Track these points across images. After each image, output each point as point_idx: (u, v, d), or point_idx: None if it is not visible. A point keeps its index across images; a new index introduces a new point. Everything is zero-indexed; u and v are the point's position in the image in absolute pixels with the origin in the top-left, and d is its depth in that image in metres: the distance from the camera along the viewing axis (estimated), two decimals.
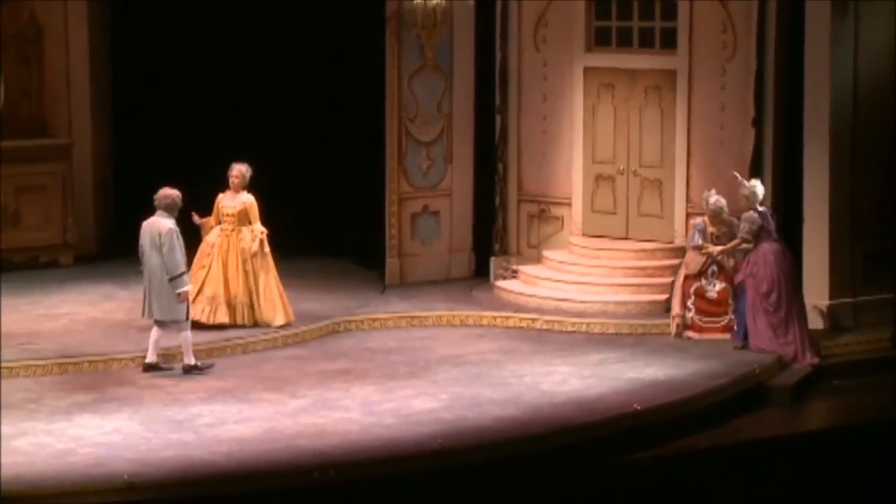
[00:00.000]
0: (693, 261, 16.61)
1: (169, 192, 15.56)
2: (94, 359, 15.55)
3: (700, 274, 16.55)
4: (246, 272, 16.54)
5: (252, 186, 21.16)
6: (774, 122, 17.38)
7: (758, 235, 16.22)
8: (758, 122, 17.38)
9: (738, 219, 16.41)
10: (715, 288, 16.49)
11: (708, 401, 14.83)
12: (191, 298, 15.87)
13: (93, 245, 20.06)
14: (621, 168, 18.38)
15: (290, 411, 14.26)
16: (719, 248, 16.47)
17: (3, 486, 12.22)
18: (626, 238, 18.35)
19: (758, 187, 16.40)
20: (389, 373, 15.55)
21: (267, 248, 16.62)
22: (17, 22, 19.57)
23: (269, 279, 16.61)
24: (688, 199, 17.89)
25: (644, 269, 17.95)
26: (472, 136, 19.16)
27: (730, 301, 16.42)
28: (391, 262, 18.83)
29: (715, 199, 16.51)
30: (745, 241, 16.27)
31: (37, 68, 19.75)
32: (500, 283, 18.47)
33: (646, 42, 18.17)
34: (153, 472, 12.59)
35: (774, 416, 15.09)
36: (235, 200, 16.70)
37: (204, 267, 16.53)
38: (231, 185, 16.78)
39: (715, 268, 16.51)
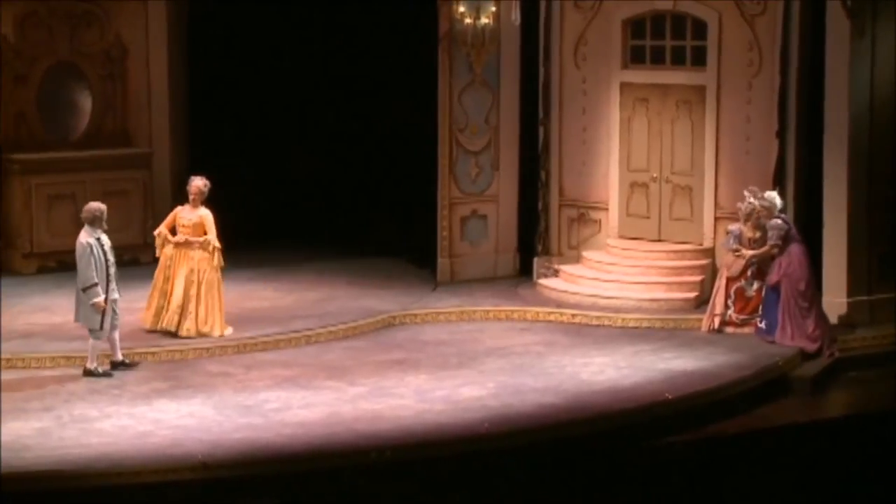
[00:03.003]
0: (735, 264, 16.52)
1: (89, 207, 14.85)
2: (171, 349, 15.59)
3: (740, 276, 16.47)
4: (188, 282, 15.79)
5: (315, 193, 21.28)
6: (797, 133, 17.26)
7: (785, 240, 16.14)
8: (781, 134, 17.26)
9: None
10: (753, 288, 16.40)
11: (734, 390, 14.74)
12: (151, 309, 15.74)
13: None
14: (654, 175, 18.30)
15: (350, 398, 14.25)
16: (753, 252, 16.37)
17: (89, 463, 12.30)
18: (659, 240, 18.26)
19: (776, 198, 16.33)
20: (440, 363, 15.52)
21: (216, 263, 15.84)
22: (103, 42, 19.70)
23: (212, 292, 15.83)
24: (716, 205, 17.79)
25: (675, 268, 17.86)
26: (517, 146, 19.11)
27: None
28: (442, 262, 18.82)
29: (750, 201, 16.41)
30: (775, 247, 16.19)
31: (121, 84, 19.86)
32: (543, 281, 18.42)
33: (677, 60, 18.08)
34: (225, 453, 12.62)
35: (796, 405, 14.96)
36: (193, 214, 15.94)
37: (168, 279, 15.91)
38: (189, 199, 16.02)
39: (754, 269, 16.42)
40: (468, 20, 18.37)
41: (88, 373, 14.76)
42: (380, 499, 11.98)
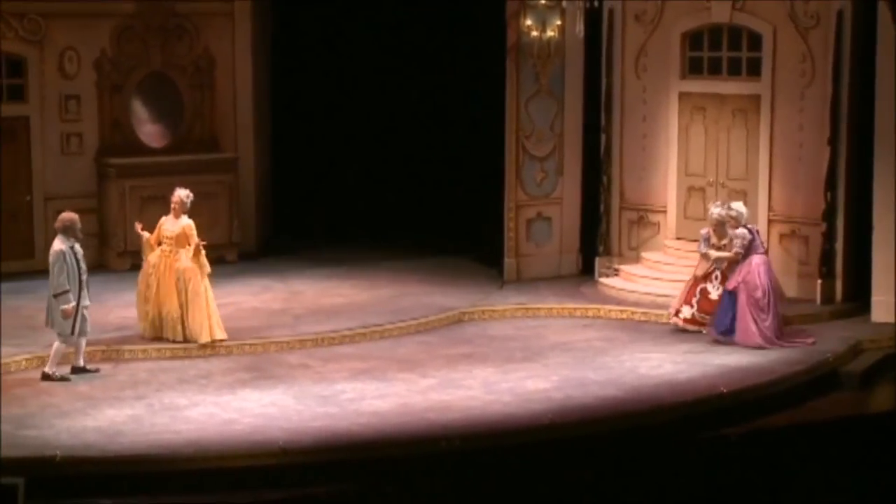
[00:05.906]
0: (700, 265, 16.44)
1: (63, 217, 14.45)
2: (254, 342, 15.74)
3: (705, 277, 16.34)
4: (178, 290, 15.33)
5: (391, 195, 21.39)
6: (847, 140, 17.12)
7: (748, 249, 15.99)
8: (833, 141, 17.13)
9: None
10: (717, 291, 16.25)
11: (786, 384, 14.67)
12: (144, 319, 15.43)
13: (254, 244, 20.37)
14: (711, 180, 18.22)
15: (421, 389, 14.32)
16: (717, 254, 16.23)
17: (178, 448, 12.47)
18: None
19: (742, 208, 16.14)
20: (507, 357, 15.57)
21: (207, 267, 15.36)
22: (193, 54, 19.94)
23: (198, 298, 15.32)
24: (770, 209, 17.68)
25: None
26: (581, 152, 19.12)
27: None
28: (509, 261, 18.85)
29: (718, 211, 16.28)
30: (738, 254, 16.03)
31: (209, 94, 20.08)
32: (604, 280, 18.41)
33: (734, 70, 18.00)
34: (304, 440, 12.74)
35: (845, 399, 14.85)
36: (175, 224, 15.51)
37: (150, 286, 15.48)
38: (172, 209, 15.63)
39: (719, 273, 16.27)
40: (535, 33, 18.39)
41: (46, 377, 14.27)
42: (449, 485, 12.03)
